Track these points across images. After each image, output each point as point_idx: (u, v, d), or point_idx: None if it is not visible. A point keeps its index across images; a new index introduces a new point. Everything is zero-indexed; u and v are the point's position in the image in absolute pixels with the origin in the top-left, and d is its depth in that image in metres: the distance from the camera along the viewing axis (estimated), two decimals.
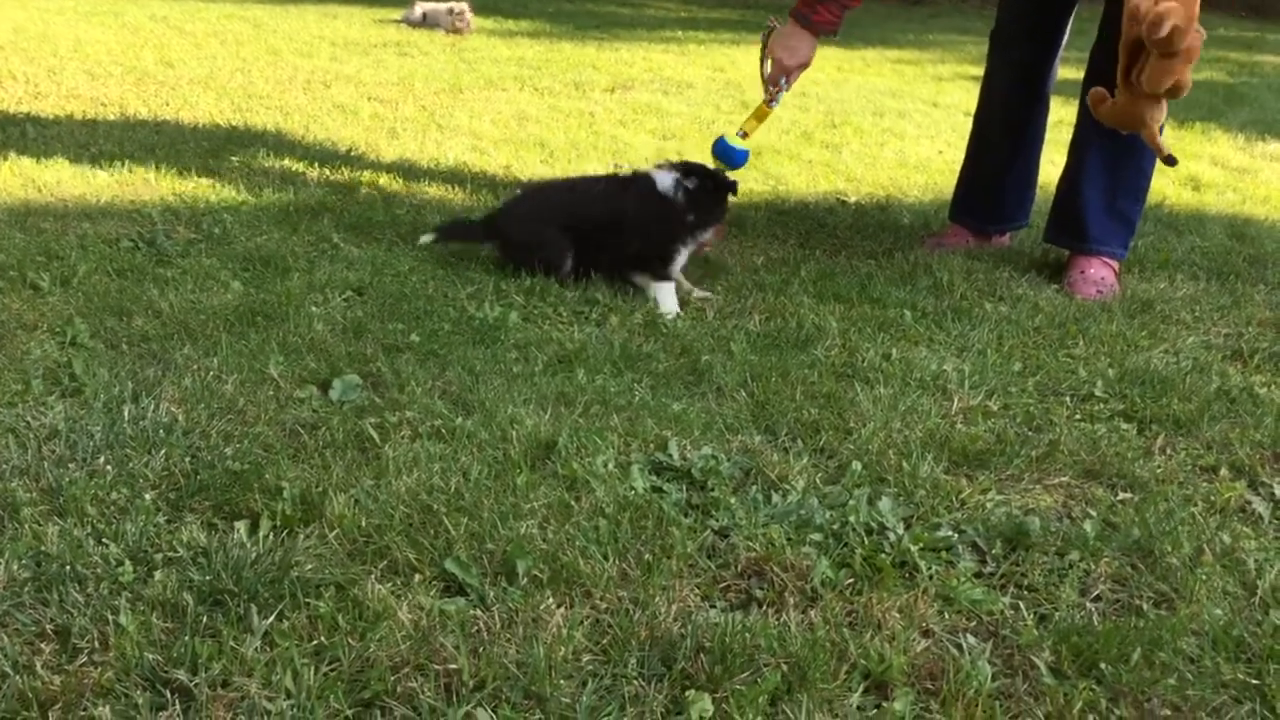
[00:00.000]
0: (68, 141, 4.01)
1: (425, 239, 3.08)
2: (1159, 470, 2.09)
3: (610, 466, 1.97)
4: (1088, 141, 3.23)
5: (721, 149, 3.20)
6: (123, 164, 3.76)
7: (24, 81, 5.18)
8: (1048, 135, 3.55)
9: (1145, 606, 1.68)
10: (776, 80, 3.23)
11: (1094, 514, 1.93)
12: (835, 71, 7.44)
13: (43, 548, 1.64)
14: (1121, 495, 2.01)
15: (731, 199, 3.02)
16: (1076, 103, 3.09)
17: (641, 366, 2.41)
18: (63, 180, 3.54)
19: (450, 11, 8.03)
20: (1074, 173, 3.31)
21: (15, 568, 1.59)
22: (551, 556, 1.68)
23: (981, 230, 3.55)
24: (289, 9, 8.92)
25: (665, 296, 2.82)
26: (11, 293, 2.60)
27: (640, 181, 2.93)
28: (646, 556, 1.71)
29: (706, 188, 2.94)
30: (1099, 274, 3.19)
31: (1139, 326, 2.83)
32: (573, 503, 1.84)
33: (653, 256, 2.86)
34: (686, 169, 2.96)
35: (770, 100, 3.28)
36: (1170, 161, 2.74)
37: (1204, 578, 1.74)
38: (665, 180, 2.90)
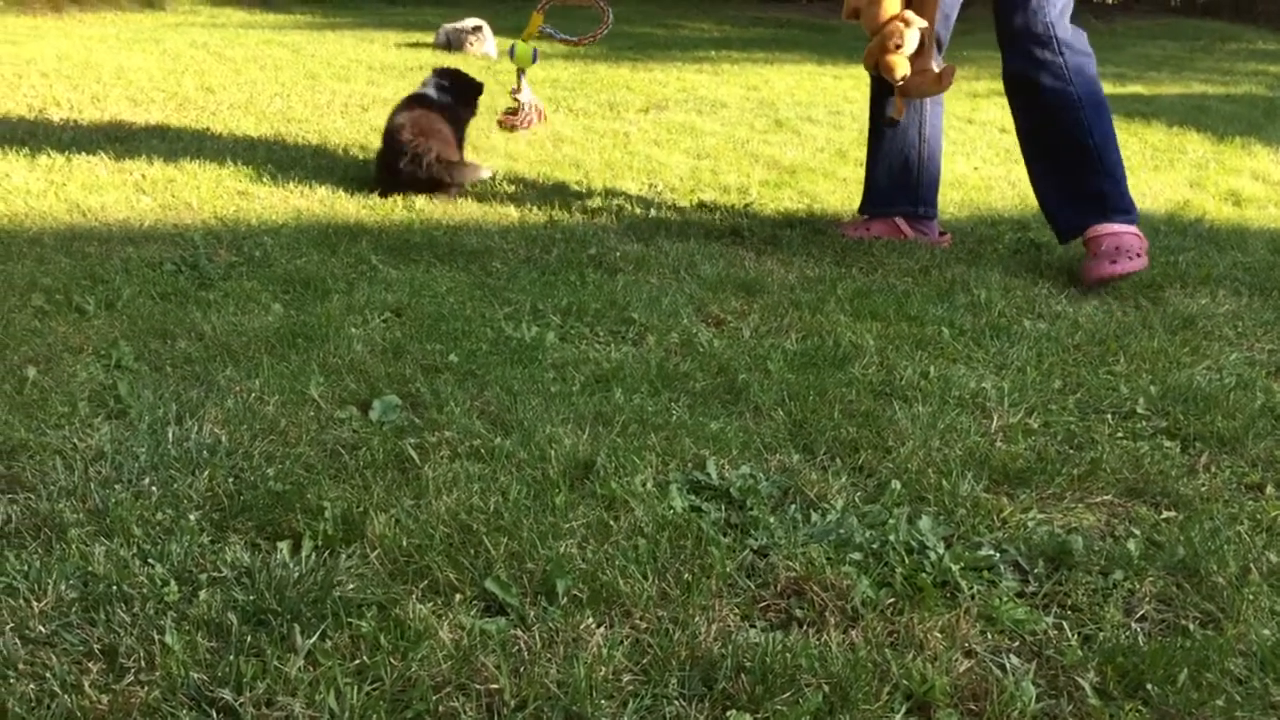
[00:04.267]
0: (111, 167, 4.08)
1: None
2: (1203, 488, 2.07)
3: (648, 486, 1.97)
4: (1023, 150, 3.49)
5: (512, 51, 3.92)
6: (165, 188, 3.82)
7: (68, 108, 5.27)
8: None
9: (1191, 626, 1.66)
10: None
11: (1138, 533, 1.90)
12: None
13: (90, 568, 1.66)
14: (1165, 514, 1.99)
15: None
16: (1112, 118, 3.10)
17: (678, 385, 2.42)
18: (107, 205, 3.60)
19: (472, 29, 8.12)
20: (1031, 179, 3.51)
21: (63, 588, 1.61)
22: (591, 576, 1.69)
23: (873, 213, 3.79)
24: (326, 34, 9.03)
25: None
26: (58, 316, 2.65)
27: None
28: (686, 576, 1.71)
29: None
30: (1110, 244, 3.20)
31: (1181, 343, 2.80)
32: (611, 522, 1.85)
33: None
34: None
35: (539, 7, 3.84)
36: (889, 123, 3.46)
37: (1251, 597, 1.72)
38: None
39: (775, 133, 5.65)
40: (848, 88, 7.50)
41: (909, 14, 3.20)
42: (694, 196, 4.14)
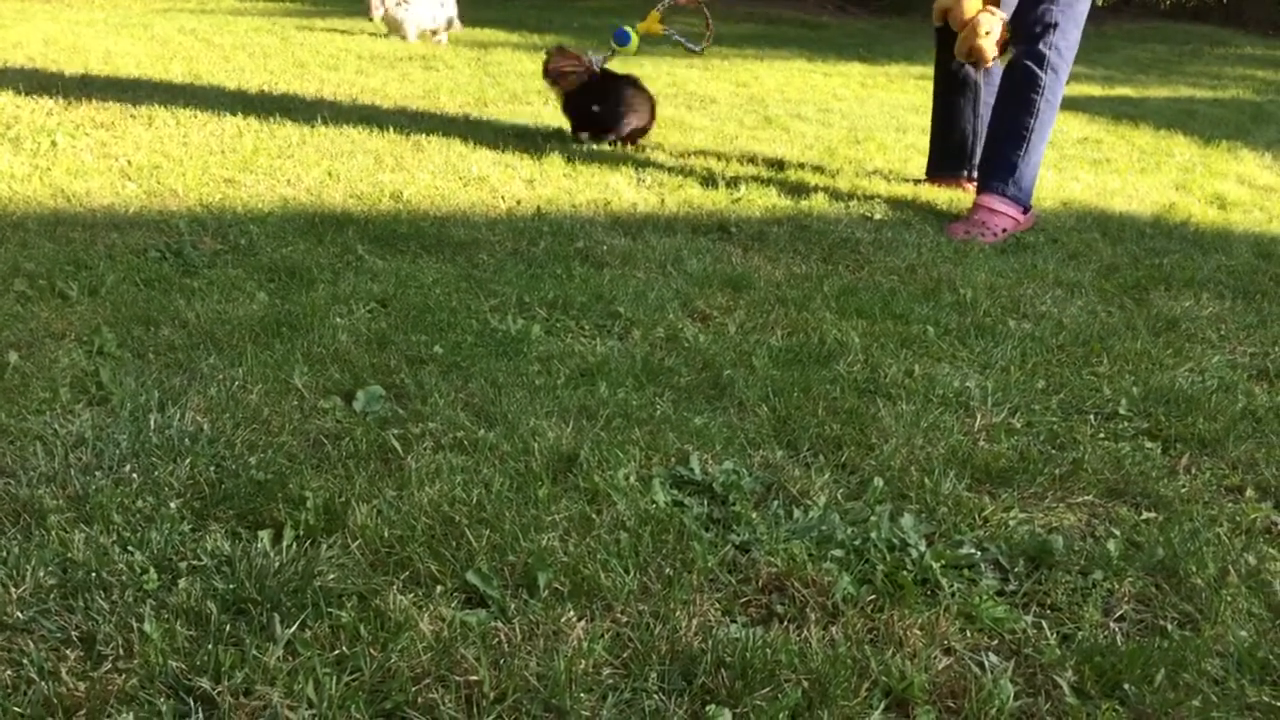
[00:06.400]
0: (97, 153, 4.06)
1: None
2: (1184, 490, 2.08)
3: (631, 480, 1.97)
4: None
5: (616, 33, 4.58)
6: (151, 175, 3.80)
7: (54, 93, 5.23)
8: (1078, 153, 3.62)
9: (1169, 627, 1.67)
10: None
11: (1118, 533, 1.92)
12: (859, 88, 7.45)
13: (69, 555, 1.65)
14: (1145, 514, 2.00)
15: None
16: (1100, 120, 3.13)
17: (663, 380, 2.42)
18: (92, 191, 3.58)
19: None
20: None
21: (42, 574, 1.60)
22: (572, 569, 1.69)
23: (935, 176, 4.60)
24: (315, 22, 9.00)
25: None
26: (40, 301, 2.63)
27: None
28: (667, 571, 1.71)
29: None
30: (982, 216, 3.88)
31: (1164, 345, 2.82)
32: (594, 516, 1.85)
33: None
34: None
35: (656, 6, 4.54)
36: (959, 66, 4.21)
37: (1229, 599, 1.73)
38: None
39: (764, 129, 5.65)
40: (837, 85, 7.50)
41: (991, 7, 3.88)
42: (682, 192, 4.14)
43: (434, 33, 8.29)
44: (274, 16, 9.32)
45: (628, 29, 4.54)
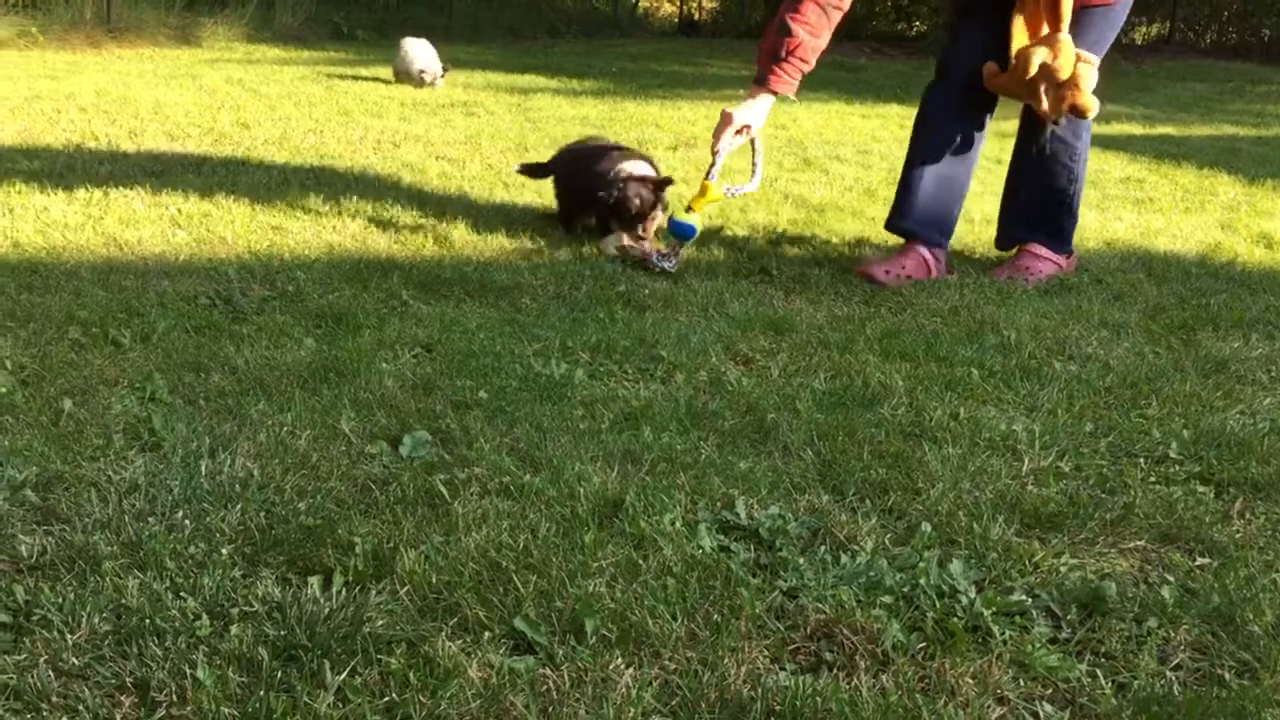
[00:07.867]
0: (148, 201, 4.14)
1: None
2: (1238, 535, 2.05)
3: (677, 525, 1.97)
4: (1012, 169, 4.00)
5: (673, 225, 3.71)
6: (201, 223, 3.87)
7: (106, 143, 5.36)
8: (1121, 193, 3.58)
9: (1227, 676, 1.64)
10: (716, 147, 3.74)
11: (1172, 579, 1.89)
12: (897, 129, 7.45)
13: (123, 601, 1.67)
14: (1200, 560, 1.97)
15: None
16: (1142, 159, 3.10)
17: (707, 424, 2.42)
18: (143, 239, 3.64)
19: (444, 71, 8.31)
20: (1006, 191, 4.03)
21: (97, 620, 1.62)
22: (620, 615, 1.69)
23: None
24: (359, 70, 9.15)
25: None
26: (94, 349, 2.68)
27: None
28: (715, 617, 1.71)
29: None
30: (1027, 262, 3.81)
31: (1214, 387, 2.78)
32: (640, 561, 1.85)
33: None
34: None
35: (708, 174, 3.74)
36: (1055, 123, 3.56)
37: None
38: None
39: (803, 171, 5.67)
40: (875, 127, 7.52)
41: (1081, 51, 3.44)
42: (722, 235, 4.16)
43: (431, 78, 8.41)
44: (319, 65, 9.49)
45: (690, 221, 3.67)
